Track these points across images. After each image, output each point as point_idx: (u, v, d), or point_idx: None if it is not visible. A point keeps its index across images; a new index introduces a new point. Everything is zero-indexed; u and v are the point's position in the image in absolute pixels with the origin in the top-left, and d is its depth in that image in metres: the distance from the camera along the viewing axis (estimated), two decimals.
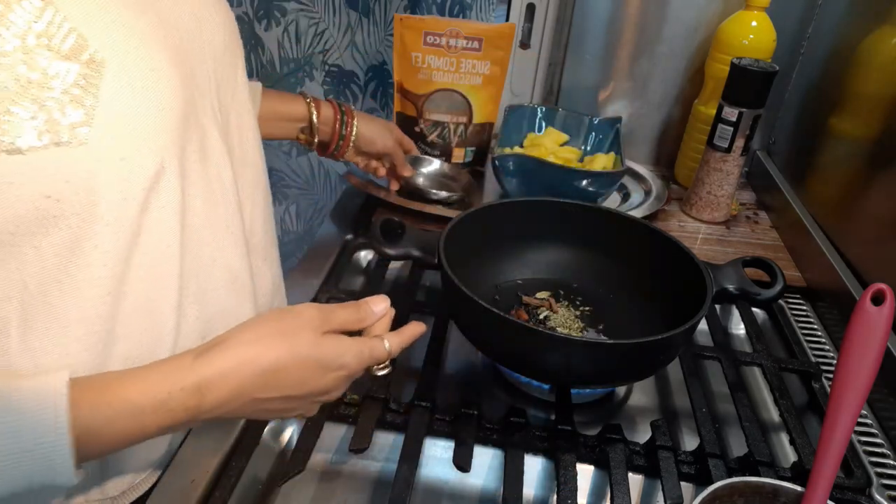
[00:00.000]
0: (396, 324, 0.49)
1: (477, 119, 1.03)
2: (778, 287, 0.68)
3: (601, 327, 0.71)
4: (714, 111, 0.96)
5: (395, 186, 0.95)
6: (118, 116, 0.40)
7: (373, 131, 0.86)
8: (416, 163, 1.04)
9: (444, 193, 0.96)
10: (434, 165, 1.04)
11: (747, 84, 0.91)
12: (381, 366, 0.50)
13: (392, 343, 0.49)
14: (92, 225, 0.41)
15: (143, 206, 0.43)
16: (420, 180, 1.02)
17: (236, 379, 0.42)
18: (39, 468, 0.36)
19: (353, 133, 0.84)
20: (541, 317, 0.71)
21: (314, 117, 0.80)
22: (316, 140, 0.82)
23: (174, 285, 0.48)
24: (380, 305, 0.50)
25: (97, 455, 0.39)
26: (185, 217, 0.47)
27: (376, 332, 0.50)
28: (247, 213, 0.58)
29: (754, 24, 0.97)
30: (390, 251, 0.66)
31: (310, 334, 0.45)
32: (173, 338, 0.49)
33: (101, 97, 0.39)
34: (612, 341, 0.59)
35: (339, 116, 0.82)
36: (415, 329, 0.52)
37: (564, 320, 0.71)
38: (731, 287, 0.68)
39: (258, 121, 0.62)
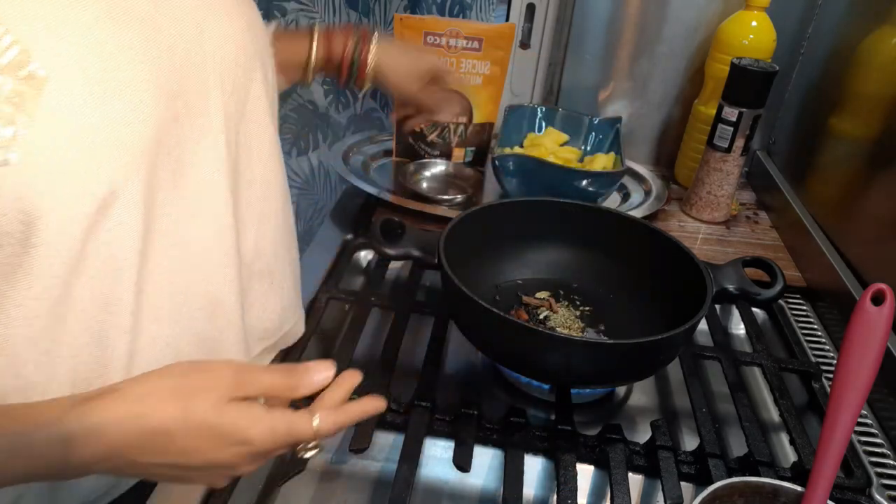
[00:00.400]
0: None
1: (477, 119, 1.03)
2: (778, 287, 0.68)
3: (601, 327, 0.71)
4: (714, 111, 0.96)
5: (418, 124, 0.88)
6: (58, 138, 0.36)
7: (399, 63, 0.77)
8: (420, 167, 1.04)
9: (447, 196, 0.96)
10: (439, 168, 1.05)
11: (747, 84, 0.91)
12: (309, 445, 0.42)
13: (325, 422, 0.41)
14: (26, 248, 0.37)
15: (87, 231, 0.40)
16: (424, 185, 1.02)
17: (112, 437, 0.36)
18: None
19: (370, 62, 0.74)
20: (541, 317, 0.71)
21: (312, 54, 0.73)
22: (311, 78, 0.74)
23: (126, 308, 0.44)
24: (321, 374, 0.42)
25: None
26: (148, 239, 0.44)
27: (325, 404, 0.42)
28: (249, 234, 0.54)
29: (754, 24, 0.97)
30: (390, 251, 0.66)
31: (212, 398, 0.38)
32: (125, 362, 0.45)
33: (37, 116, 0.35)
34: (611, 341, 0.60)
35: (349, 43, 0.74)
36: (366, 406, 0.44)
37: (564, 320, 0.71)
38: (731, 287, 0.69)
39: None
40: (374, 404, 0.45)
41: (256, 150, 0.54)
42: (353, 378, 0.45)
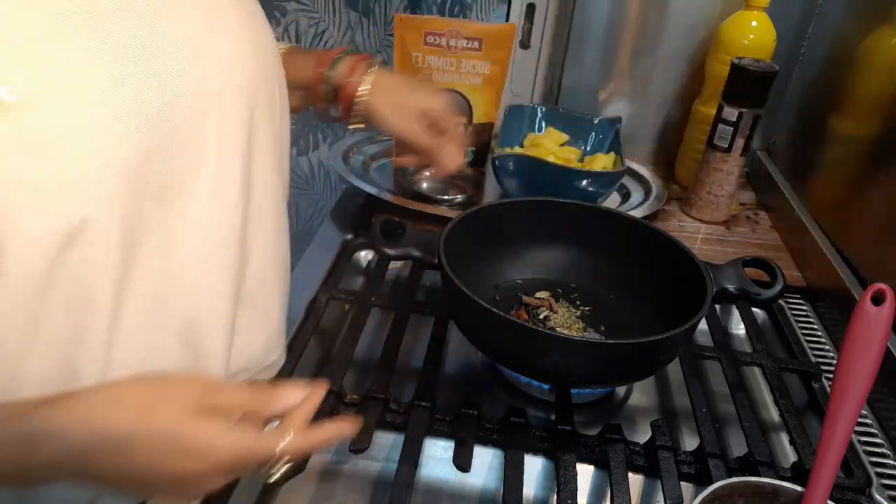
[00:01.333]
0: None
1: (477, 119, 1.03)
2: (778, 287, 0.68)
3: (602, 327, 0.71)
4: (714, 111, 0.96)
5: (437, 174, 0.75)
6: (25, 168, 0.35)
7: (391, 102, 0.68)
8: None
9: (447, 196, 0.96)
10: None
11: (747, 84, 0.91)
12: (277, 465, 0.40)
13: (295, 441, 0.40)
14: None
15: (54, 261, 0.38)
16: (424, 185, 1.02)
17: (74, 438, 0.35)
18: None
19: (356, 95, 0.66)
20: (541, 317, 0.71)
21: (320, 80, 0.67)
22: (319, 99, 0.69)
23: (98, 338, 0.42)
24: (291, 397, 0.42)
25: None
26: (126, 268, 0.42)
27: (294, 423, 0.41)
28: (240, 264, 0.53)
29: (754, 24, 0.97)
30: (390, 251, 0.66)
31: (175, 409, 0.37)
32: (96, 381, 0.43)
33: (2, 145, 0.34)
34: (611, 341, 0.60)
35: (351, 72, 0.66)
36: (336, 430, 0.43)
37: (565, 320, 0.71)
38: (731, 287, 0.69)
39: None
40: (344, 428, 0.44)
41: (258, 175, 0.52)
42: (319, 394, 0.44)
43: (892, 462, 0.62)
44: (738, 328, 0.82)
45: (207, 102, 0.45)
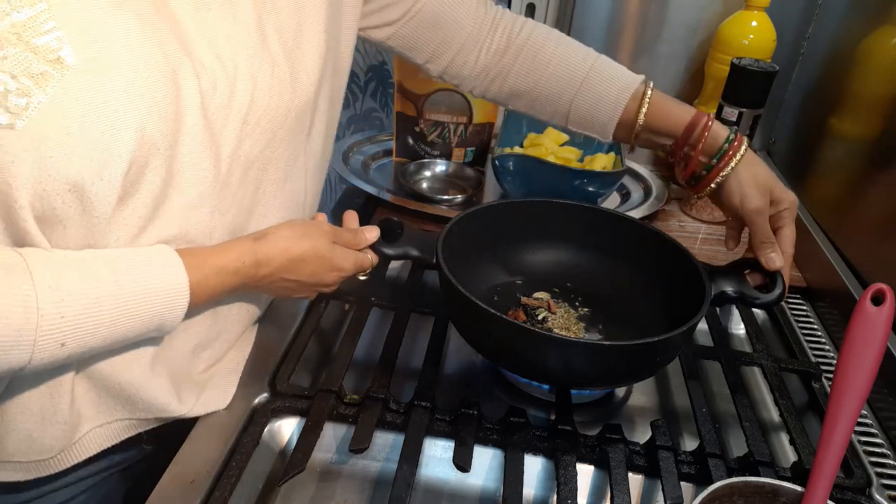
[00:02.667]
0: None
1: (477, 119, 1.03)
2: (777, 291, 0.67)
3: (601, 328, 0.71)
4: (714, 111, 0.96)
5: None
6: (67, 116, 0.41)
7: (751, 184, 0.64)
8: (420, 167, 1.04)
9: (447, 196, 0.96)
10: (439, 168, 1.05)
11: (747, 84, 0.91)
12: (364, 273, 0.65)
13: (373, 257, 0.65)
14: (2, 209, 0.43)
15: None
16: (424, 185, 1.02)
17: (278, 261, 0.55)
18: (162, 308, 0.47)
19: (727, 171, 0.64)
20: (539, 318, 0.71)
21: (697, 129, 0.65)
22: (677, 161, 0.68)
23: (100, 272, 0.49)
24: (372, 233, 0.64)
25: (192, 305, 0.50)
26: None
27: (369, 250, 0.64)
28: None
29: (754, 24, 0.97)
30: (389, 251, 0.66)
31: (327, 240, 0.58)
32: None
33: (53, 95, 0.41)
34: (607, 343, 0.59)
35: (723, 143, 0.64)
36: (371, 234, 0.64)
37: (563, 321, 0.71)
38: (729, 290, 0.67)
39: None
40: (374, 232, 0.65)
41: (261, 204, 0.60)
42: (374, 232, 0.65)
43: (892, 462, 0.62)
44: (738, 328, 0.82)
45: (226, 117, 0.51)
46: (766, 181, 0.65)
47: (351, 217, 0.65)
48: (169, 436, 0.59)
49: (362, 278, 0.65)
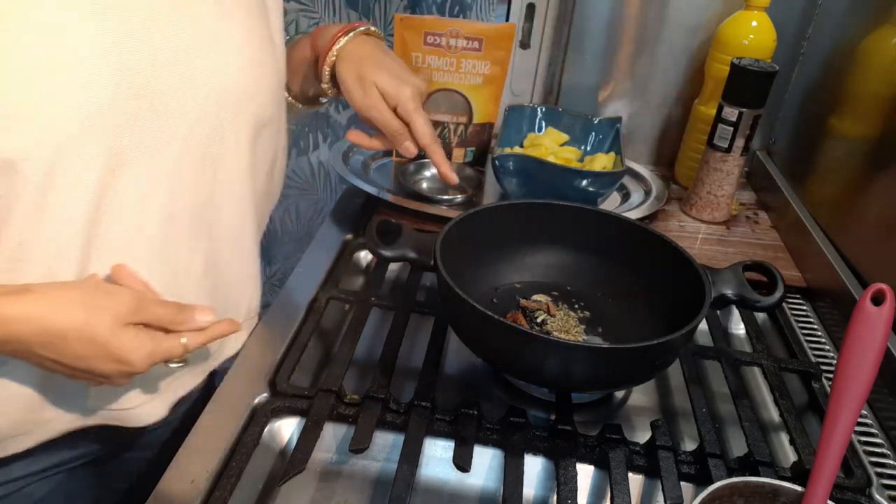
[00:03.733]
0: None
1: (477, 119, 1.03)
2: (777, 294, 0.67)
3: (600, 331, 0.71)
4: (714, 111, 0.96)
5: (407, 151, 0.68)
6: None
7: (357, 72, 0.63)
8: (420, 167, 1.04)
9: (447, 196, 0.96)
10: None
11: (747, 84, 0.91)
12: (176, 361, 0.51)
13: (191, 341, 0.50)
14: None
15: (42, 187, 0.44)
16: (424, 185, 1.02)
17: (19, 328, 0.43)
18: None
19: (328, 56, 0.63)
20: (538, 321, 0.71)
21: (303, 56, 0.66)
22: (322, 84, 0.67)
23: (73, 257, 0.48)
24: (205, 316, 0.50)
25: None
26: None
27: (190, 337, 0.50)
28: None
29: (754, 24, 0.97)
30: (386, 253, 0.65)
31: (110, 320, 0.45)
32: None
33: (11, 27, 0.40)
34: (606, 346, 0.59)
35: (334, 38, 0.64)
36: (222, 328, 0.52)
37: (563, 324, 0.71)
38: (729, 293, 0.67)
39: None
40: (230, 327, 0.52)
41: (224, 167, 0.56)
42: (231, 326, 0.52)
43: (892, 462, 0.62)
44: (738, 328, 0.82)
45: (181, 100, 0.49)
46: (369, 74, 0.62)
47: (190, 307, 0.51)
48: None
49: (174, 366, 0.51)
